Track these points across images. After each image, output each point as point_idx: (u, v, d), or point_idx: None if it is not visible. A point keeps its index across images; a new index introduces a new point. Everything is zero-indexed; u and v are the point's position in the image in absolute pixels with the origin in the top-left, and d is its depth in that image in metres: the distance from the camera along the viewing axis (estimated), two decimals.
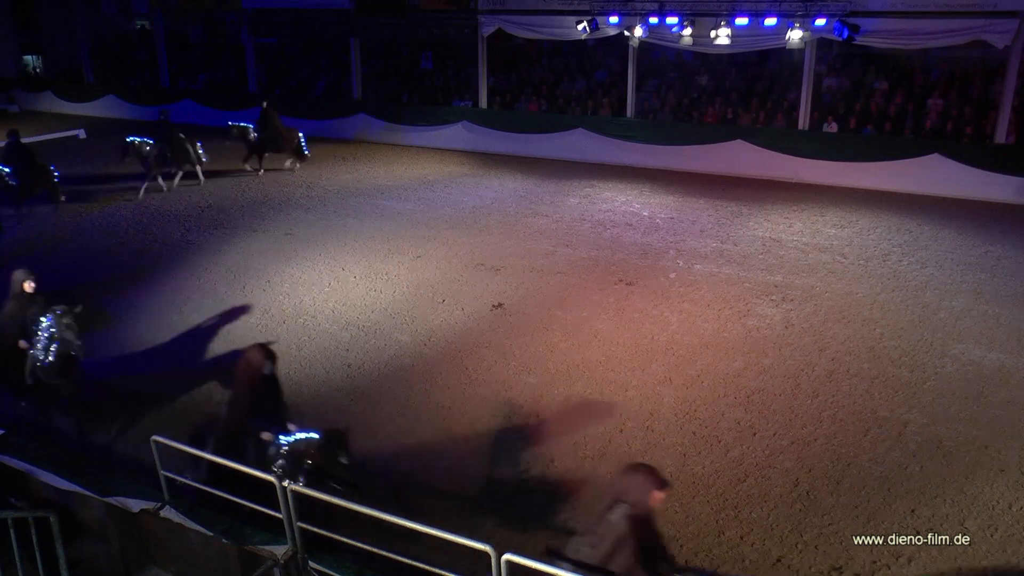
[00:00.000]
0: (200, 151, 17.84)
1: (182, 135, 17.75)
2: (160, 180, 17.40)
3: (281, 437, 6.15)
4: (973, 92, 18.33)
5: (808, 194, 16.78)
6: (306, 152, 19.17)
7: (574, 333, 10.15)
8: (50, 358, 7.64)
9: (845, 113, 18.59)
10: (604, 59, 22.81)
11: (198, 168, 17.94)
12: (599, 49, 22.98)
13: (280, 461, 6.02)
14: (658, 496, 4.67)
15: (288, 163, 19.31)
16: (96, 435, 7.98)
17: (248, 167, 18.91)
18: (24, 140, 15.73)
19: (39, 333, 7.68)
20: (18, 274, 7.90)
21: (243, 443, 6.24)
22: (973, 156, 16.20)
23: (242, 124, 18.56)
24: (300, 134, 19.01)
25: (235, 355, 9.68)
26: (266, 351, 6.43)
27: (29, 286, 7.84)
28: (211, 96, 26.28)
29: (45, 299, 7.92)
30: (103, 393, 8.76)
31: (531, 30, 21.10)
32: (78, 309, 7.88)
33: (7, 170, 14.79)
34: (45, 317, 7.66)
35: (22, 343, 7.75)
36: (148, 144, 17.02)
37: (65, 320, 7.68)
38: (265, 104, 18.77)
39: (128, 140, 16.97)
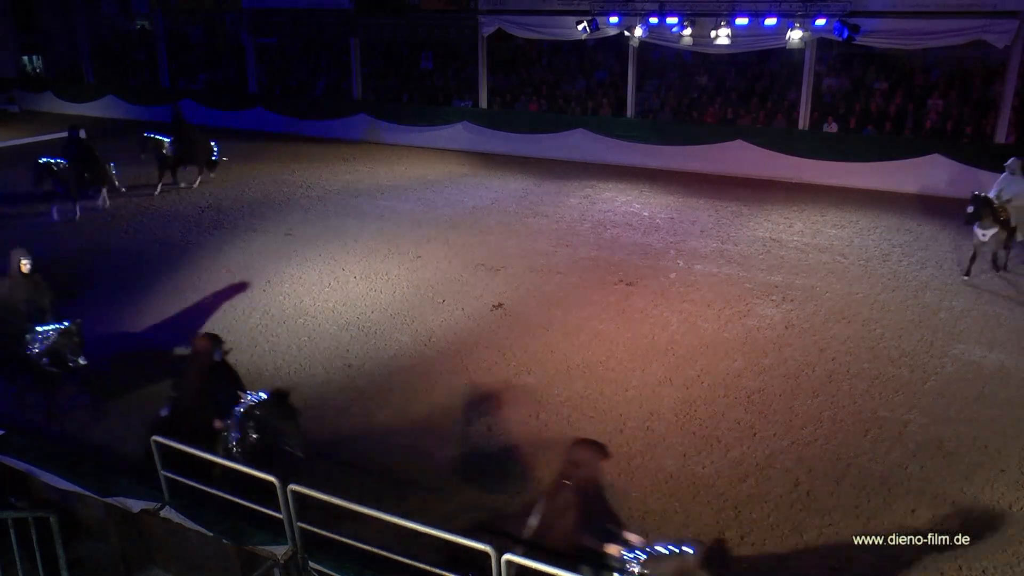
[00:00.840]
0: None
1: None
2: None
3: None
4: (973, 92, 18.34)
5: (808, 194, 16.79)
6: (216, 159, 17.77)
7: (574, 333, 10.15)
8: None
9: (845, 113, 18.60)
10: (604, 59, 22.82)
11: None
12: (599, 49, 22.99)
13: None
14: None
15: (198, 180, 17.73)
16: (96, 433, 7.97)
17: (159, 188, 17.14)
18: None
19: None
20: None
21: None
22: (973, 156, 16.20)
23: (157, 137, 16.89)
24: (212, 143, 17.75)
25: (236, 356, 9.70)
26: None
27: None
28: (211, 96, 26.29)
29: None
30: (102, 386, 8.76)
31: (531, 30, 21.11)
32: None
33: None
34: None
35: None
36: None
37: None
38: (176, 109, 17.61)
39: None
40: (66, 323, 7.99)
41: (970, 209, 11.37)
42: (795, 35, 17.05)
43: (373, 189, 17.67)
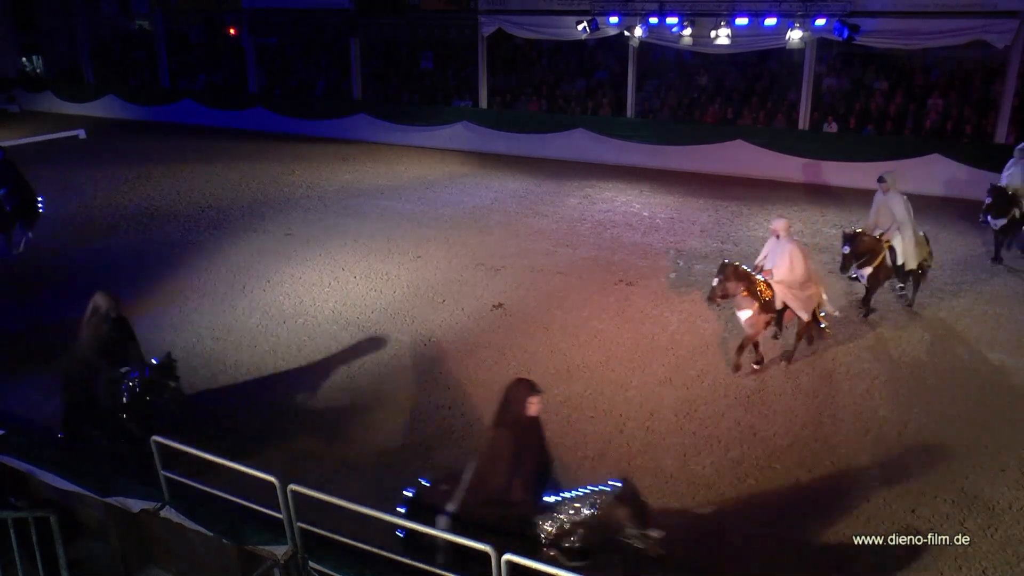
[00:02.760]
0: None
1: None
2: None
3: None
4: (973, 92, 18.33)
5: (808, 194, 16.79)
6: (40, 210, 13.52)
7: (574, 333, 10.15)
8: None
9: (845, 113, 18.60)
10: (604, 59, 22.82)
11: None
12: (599, 49, 22.98)
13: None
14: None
15: (22, 243, 13.45)
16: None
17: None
18: (10, 157, 13.14)
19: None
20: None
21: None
22: (973, 156, 16.20)
23: None
24: (40, 197, 13.56)
25: (236, 356, 9.72)
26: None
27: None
28: (211, 96, 26.30)
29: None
30: None
31: (531, 30, 21.11)
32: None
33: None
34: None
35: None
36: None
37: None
38: (4, 155, 13.00)
39: None
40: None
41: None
42: (795, 35, 17.05)
43: (373, 189, 17.67)
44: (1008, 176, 12.10)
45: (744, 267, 8.63)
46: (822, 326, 9.19)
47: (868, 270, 9.98)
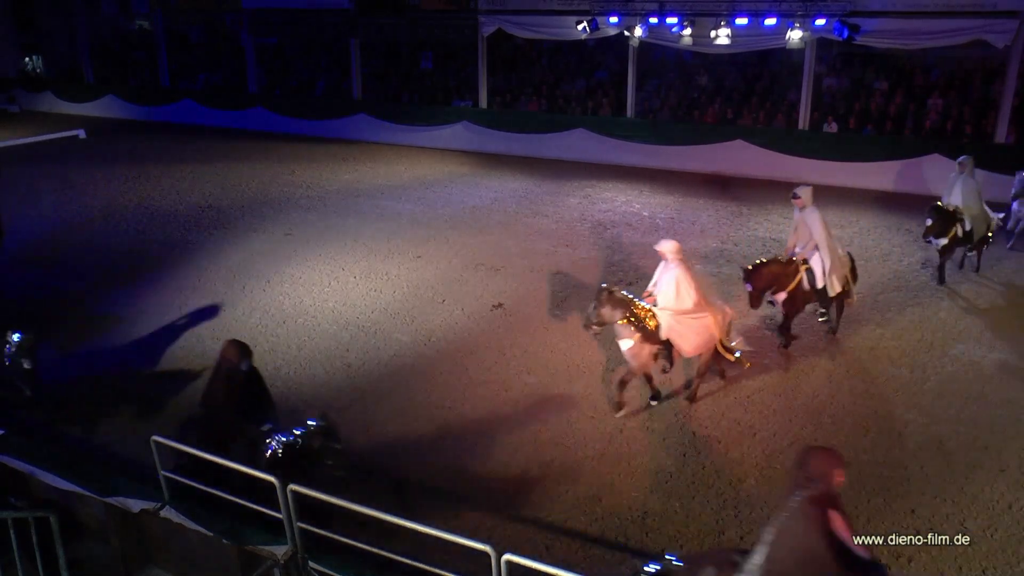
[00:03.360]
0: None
1: None
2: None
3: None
4: (973, 92, 18.33)
5: None
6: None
7: (574, 333, 10.13)
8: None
9: (845, 113, 18.59)
10: (604, 59, 22.81)
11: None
12: (599, 49, 22.98)
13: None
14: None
15: None
16: (97, 435, 7.97)
17: None
18: None
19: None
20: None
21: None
22: (973, 156, 16.14)
23: None
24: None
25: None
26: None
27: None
28: (211, 96, 26.30)
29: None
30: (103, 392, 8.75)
31: (531, 30, 21.11)
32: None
33: None
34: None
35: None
36: None
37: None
38: None
39: None
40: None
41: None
42: (795, 35, 17.05)
43: (373, 189, 17.67)
44: (949, 193, 11.69)
45: (623, 293, 7.98)
46: (737, 355, 8.39)
47: (782, 296, 9.22)
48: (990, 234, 11.83)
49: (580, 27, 18.99)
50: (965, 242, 11.53)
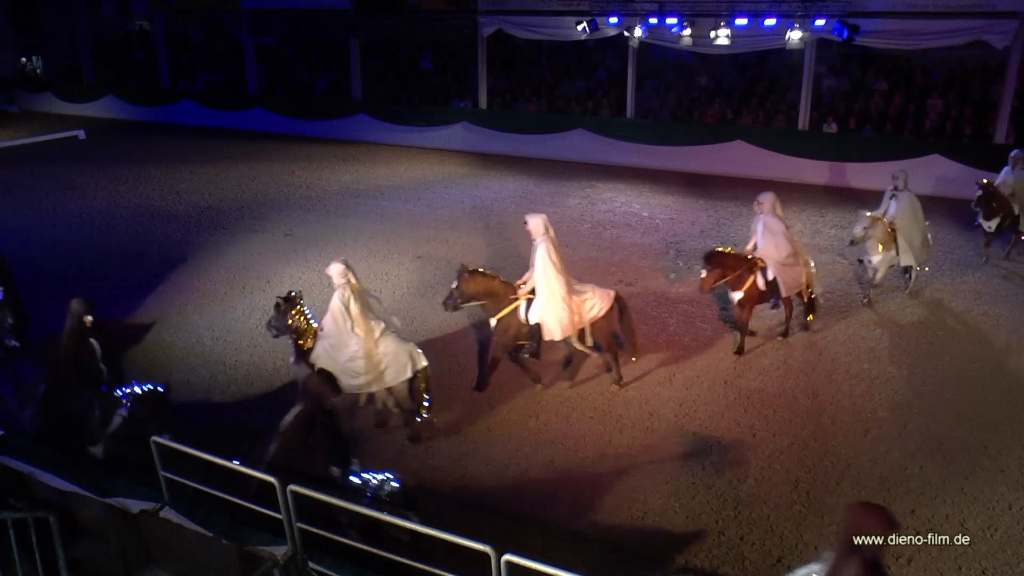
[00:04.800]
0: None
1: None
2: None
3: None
4: (973, 92, 18.33)
5: (808, 194, 16.77)
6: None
7: None
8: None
9: (845, 113, 18.59)
10: (604, 59, 22.81)
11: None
12: (599, 49, 22.97)
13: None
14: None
15: None
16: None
17: None
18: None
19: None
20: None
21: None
22: (973, 156, 16.19)
23: None
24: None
25: (236, 356, 9.70)
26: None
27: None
28: (211, 96, 26.30)
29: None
30: None
31: (531, 30, 21.11)
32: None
33: None
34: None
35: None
36: None
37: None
38: None
39: None
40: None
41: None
42: (795, 35, 17.05)
43: (373, 189, 17.67)
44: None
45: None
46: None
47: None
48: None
49: (580, 27, 19.00)
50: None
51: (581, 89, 22.18)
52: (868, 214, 10.19)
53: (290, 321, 7.79)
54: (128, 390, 6.40)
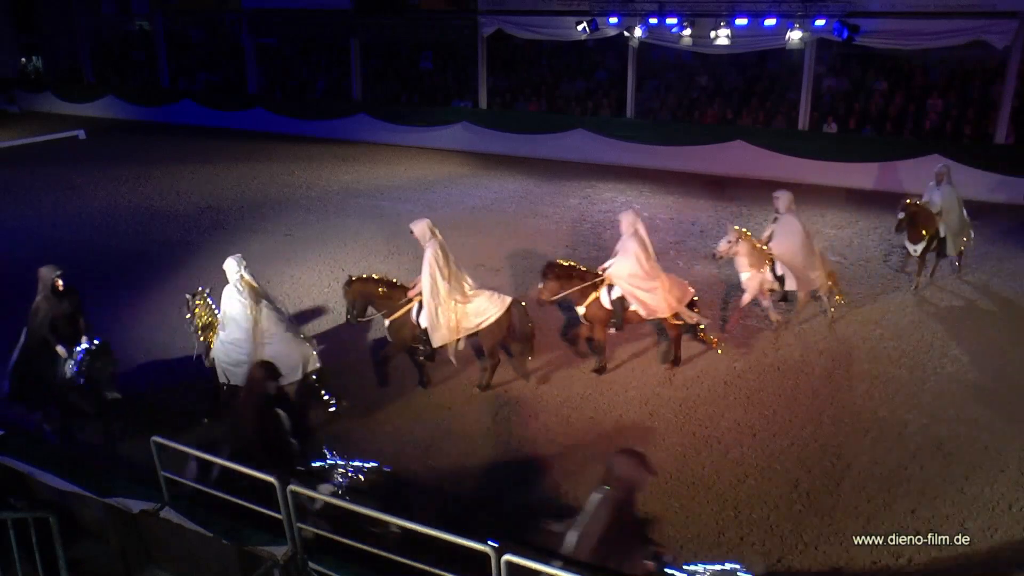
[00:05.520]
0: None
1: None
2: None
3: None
4: (973, 92, 18.33)
5: (808, 194, 16.73)
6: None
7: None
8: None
9: (845, 113, 18.59)
10: (604, 59, 22.82)
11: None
12: (599, 49, 22.98)
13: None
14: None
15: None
16: (96, 437, 7.96)
17: None
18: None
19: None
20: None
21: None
22: (973, 156, 16.19)
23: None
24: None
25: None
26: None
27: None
28: (211, 96, 26.30)
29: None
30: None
31: (531, 30, 21.11)
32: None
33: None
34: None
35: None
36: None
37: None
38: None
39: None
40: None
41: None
42: (795, 35, 17.05)
43: (373, 189, 17.67)
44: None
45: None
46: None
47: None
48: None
49: (580, 27, 19.00)
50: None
51: (581, 89, 22.18)
52: (735, 228, 9.78)
53: (188, 315, 8.14)
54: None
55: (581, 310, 8.90)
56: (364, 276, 8.67)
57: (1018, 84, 16.57)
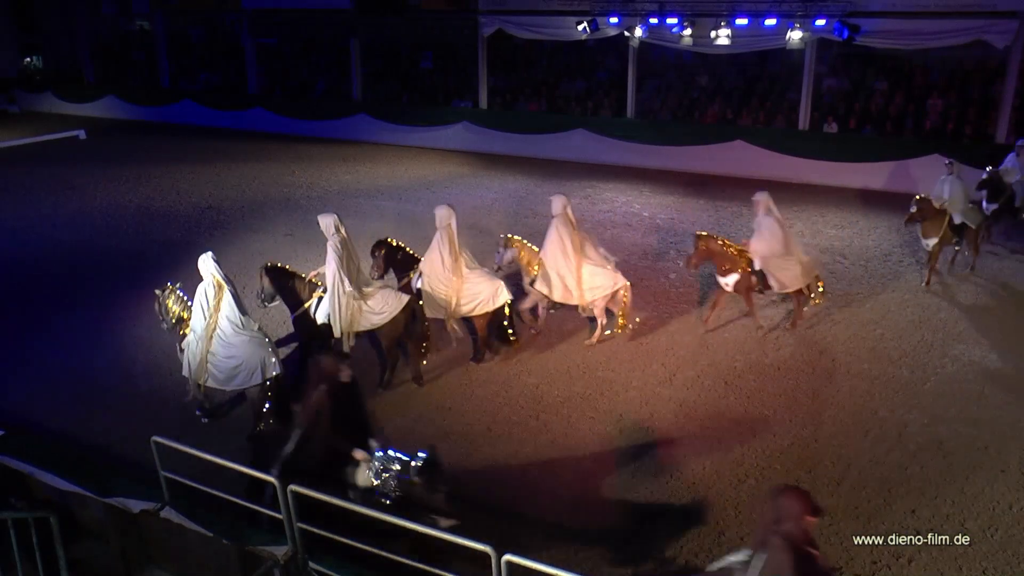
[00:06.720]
0: None
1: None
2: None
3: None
4: (973, 92, 18.33)
5: (808, 194, 16.77)
6: None
7: (574, 333, 10.14)
8: None
9: (845, 113, 18.60)
10: (604, 59, 22.83)
11: None
12: (599, 49, 22.99)
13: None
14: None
15: None
16: (96, 436, 7.97)
17: None
18: None
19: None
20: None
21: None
22: (973, 156, 16.18)
23: None
24: None
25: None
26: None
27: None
28: (211, 96, 26.30)
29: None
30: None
31: (531, 30, 21.11)
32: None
33: None
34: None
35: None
36: None
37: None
38: None
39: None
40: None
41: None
42: (795, 35, 17.06)
43: (373, 189, 17.67)
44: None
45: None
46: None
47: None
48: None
49: (580, 27, 19.01)
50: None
51: (581, 89, 22.18)
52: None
53: (159, 309, 8.22)
54: None
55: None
56: (280, 266, 9.14)
57: (1018, 84, 16.57)
